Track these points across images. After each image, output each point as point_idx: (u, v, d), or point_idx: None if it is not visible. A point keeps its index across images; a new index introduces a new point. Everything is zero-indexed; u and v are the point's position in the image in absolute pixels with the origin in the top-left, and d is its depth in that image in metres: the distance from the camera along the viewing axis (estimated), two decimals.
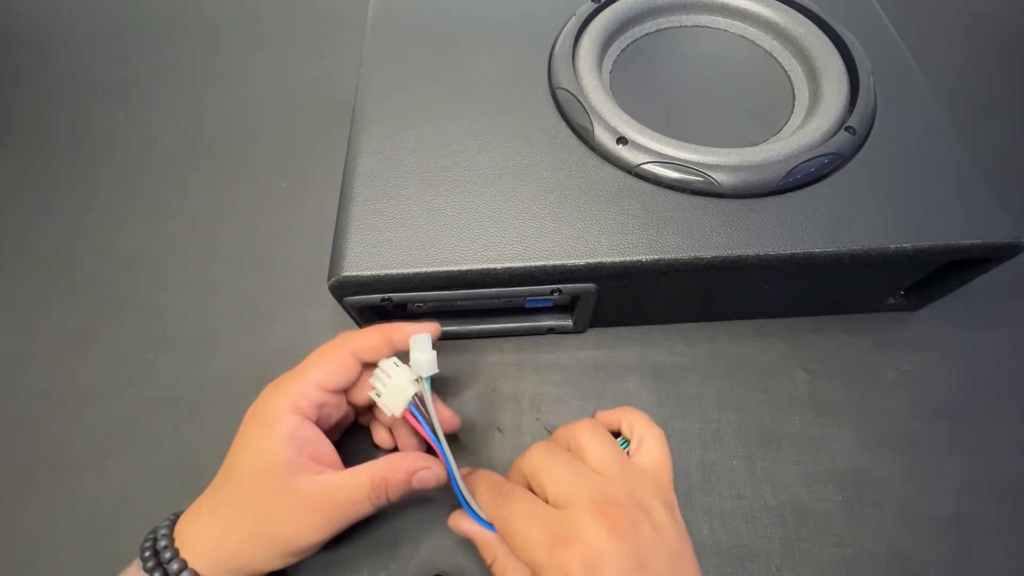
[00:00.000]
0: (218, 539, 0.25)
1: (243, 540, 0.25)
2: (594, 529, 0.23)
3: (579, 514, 0.23)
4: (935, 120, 0.34)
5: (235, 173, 0.44)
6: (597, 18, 0.38)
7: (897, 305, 0.37)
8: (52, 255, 0.42)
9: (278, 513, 0.25)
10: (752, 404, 0.35)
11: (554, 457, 0.26)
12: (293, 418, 0.26)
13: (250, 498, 0.25)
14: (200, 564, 0.24)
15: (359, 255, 0.29)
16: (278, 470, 0.25)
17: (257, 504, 0.25)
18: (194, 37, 0.55)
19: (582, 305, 0.33)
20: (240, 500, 0.25)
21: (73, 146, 0.47)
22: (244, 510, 0.25)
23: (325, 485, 0.25)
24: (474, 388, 0.36)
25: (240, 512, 0.25)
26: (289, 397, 0.26)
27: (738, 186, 0.30)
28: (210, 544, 0.25)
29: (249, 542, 0.25)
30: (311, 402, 0.26)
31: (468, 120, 0.34)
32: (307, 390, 0.26)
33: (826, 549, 0.31)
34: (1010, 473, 0.33)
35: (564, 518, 0.23)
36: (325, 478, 0.25)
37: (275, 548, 0.25)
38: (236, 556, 0.25)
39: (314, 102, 0.49)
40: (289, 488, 0.25)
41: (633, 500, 0.24)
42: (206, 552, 0.25)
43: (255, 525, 0.25)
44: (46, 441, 0.34)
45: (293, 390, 0.26)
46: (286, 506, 0.25)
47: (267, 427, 0.25)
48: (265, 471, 0.25)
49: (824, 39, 0.37)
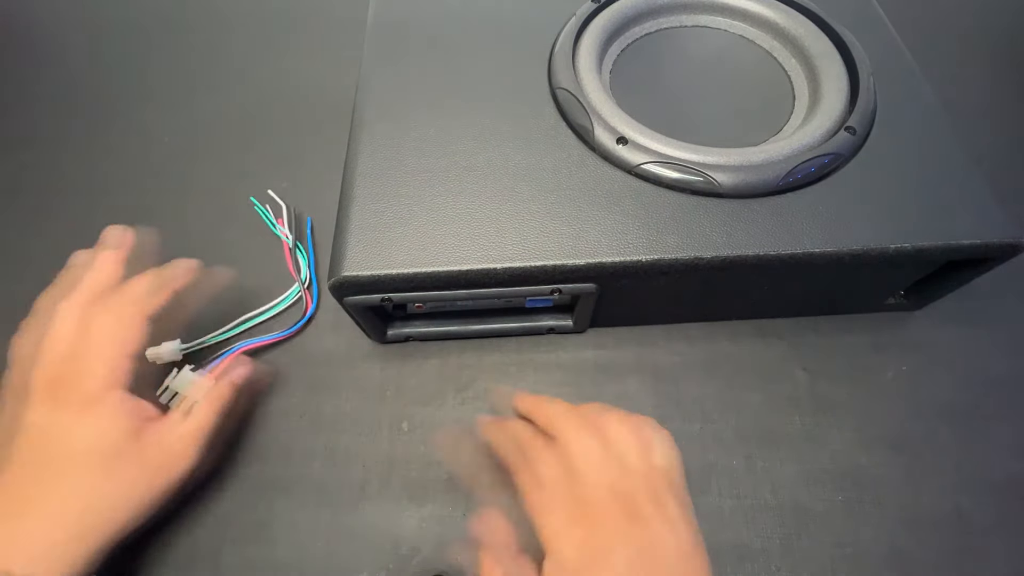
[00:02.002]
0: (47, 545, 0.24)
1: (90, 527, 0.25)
2: (611, 515, 0.24)
3: (600, 497, 0.24)
4: (936, 120, 0.34)
5: (235, 173, 0.44)
6: (597, 18, 0.38)
7: (897, 305, 0.37)
8: (52, 255, 0.42)
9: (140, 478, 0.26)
10: (752, 404, 0.35)
11: (587, 435, 0.26)
12: (115, 392, 0.26)
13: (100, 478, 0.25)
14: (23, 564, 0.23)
15: (359, 255, 0.29)
16: (124, 440, 0.26)
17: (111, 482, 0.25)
18: (194, 37, 0.55)
19: (582, 305, 0.33)
20: (82, 491, 0.25)
21: (73, 146, 0.47)
22: (90, 499, 0.25)
23: (171, 429, 0.27)
24: (474, 388, 0.36)
25: (81, 506, 0.25)
26: (103, 376, 0.26)
27: (738, 186, 0.30)
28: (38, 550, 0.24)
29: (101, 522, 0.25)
30: (124, 372, 0.27)
31: (468, 120, 0.34)
32: (116, 363, 0.27)
33: (826, 549, 0.31)
34: (1010, 473, 0.33)
35: (585, 497, 0.24)
36: (166, 423, 0.28)
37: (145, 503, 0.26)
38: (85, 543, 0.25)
39: (314, 102, 0.49)
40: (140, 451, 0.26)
41: (650, 494, 0.25)
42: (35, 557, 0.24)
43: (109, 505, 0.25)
44: None
45: (104, 369, 0.26)
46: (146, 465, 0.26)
47: (94, 409, 0.26)
48: (112, 445, 0.26)
49: (824, 39, 0.37)
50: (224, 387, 0.30)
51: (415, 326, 0.36)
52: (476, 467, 0.28)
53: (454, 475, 0.30)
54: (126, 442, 0.26)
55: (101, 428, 0.26)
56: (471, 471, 0.28)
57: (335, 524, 0.31)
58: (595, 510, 0.24)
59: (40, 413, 0.26)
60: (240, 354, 0.33)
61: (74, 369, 0.26)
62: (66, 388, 0.26)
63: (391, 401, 0.35)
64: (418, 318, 0.37)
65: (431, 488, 0.32)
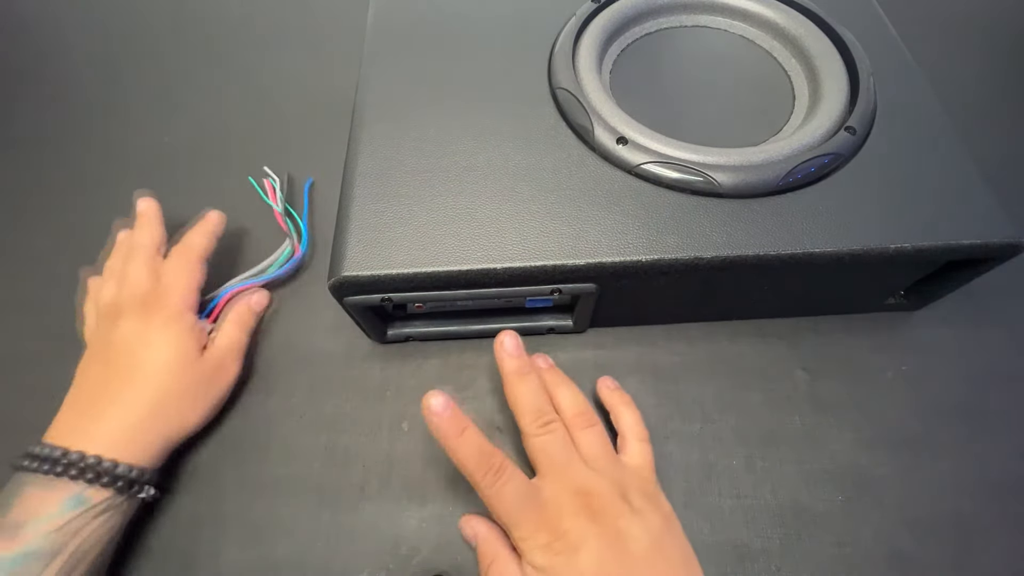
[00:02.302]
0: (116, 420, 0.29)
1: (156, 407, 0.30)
2: (574, 514, 0.25)
3: (562, 500, 0.26)
4: (935, 120, 0.34)
5: (236, 173, 0.44)
6: (597, 18, 0.38)
7: (897, 305, 0.37)
8: (52, 255, 0.42)
9: (199, 382, 0.32)
10: (752, 404, 0.35)
11: (552, 441, 0.28)
12: (190, 313, 0.33)
13: (168, 373, 0.31)
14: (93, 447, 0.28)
15: (359, 255, 0.29)
16: (191, 353, 0.32)
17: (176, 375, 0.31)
18: (194, 37, 0.55)
19: (582, 305, 0.33)
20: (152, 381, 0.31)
21: (73, 146, 0.47)
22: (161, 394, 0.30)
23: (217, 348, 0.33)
24: (474, 388, 0.36)
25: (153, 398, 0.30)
26: (183, 298, 0.33)
27: (738, 186, 0.30)
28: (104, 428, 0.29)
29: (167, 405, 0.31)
30: (195, 300, 0.34)
31: (468, 120, 0.34)
32: (189, 294, 0.34)
33: (826, 549, 0.31)
34: (1010, 473, 0.33)
35: (548, 502, 0.26)
36: (217, 342, 0.34)
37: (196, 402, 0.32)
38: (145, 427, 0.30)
39: (314, 102, 0.49)
40: (202, 363, 0.32)
41: (614, 491, 0.27)
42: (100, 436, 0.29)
43: (174, 401, 0.31)
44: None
45: (183, 296, 0.33)
46: (203, 375, 0.32)
47: (176, 322, 0.32)
48: (182, 353, 0.32)
49: (824, 39, 0.37)
50: (247, 313, 0.36)
51: (415, 326, 0.36)
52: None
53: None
54: (193, 353, 0.32)
55: (178, 339, 0.32)
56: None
57: (335, 524, 0.31)
58: (557, 513, 0.26)
59: (131, 324, 0.32)
60: (232, 296, 0.37)
61: (159, 294, 0.33)
62: (154, 307, 0.32)
63: (391, 401, 0.35)
64: (418, 318, 0.37)
65: (431, 488, 0.32)
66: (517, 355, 0.30)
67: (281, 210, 0.40)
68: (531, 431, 0.29)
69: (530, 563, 0.25)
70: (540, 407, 0.29)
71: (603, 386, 0.34)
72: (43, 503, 0.26)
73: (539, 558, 0.25)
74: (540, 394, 0.30)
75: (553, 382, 0.32)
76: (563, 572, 0.24)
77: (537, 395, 0.30)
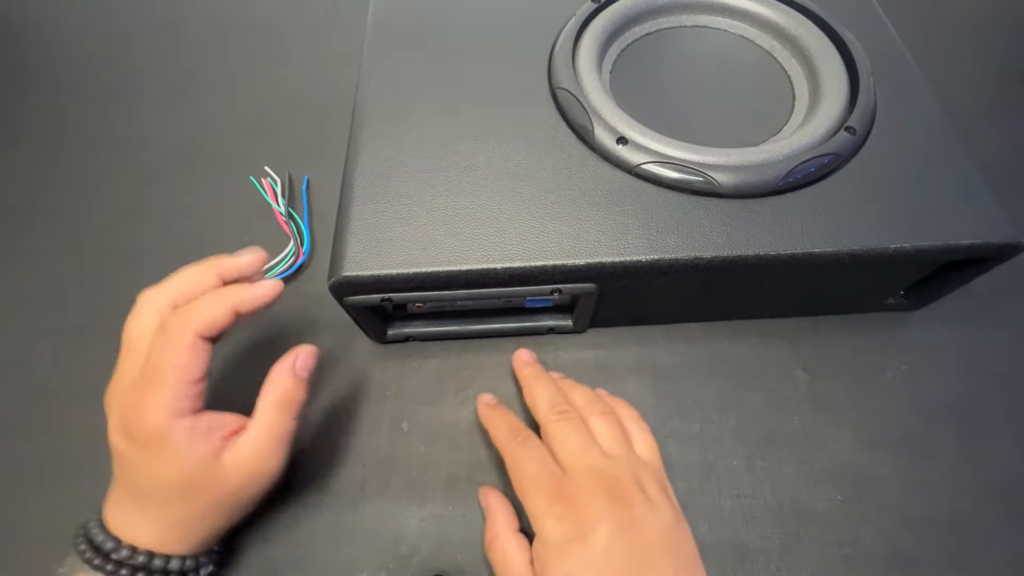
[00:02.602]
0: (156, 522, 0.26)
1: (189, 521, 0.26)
2: (592, 493, 0.25)
3: (582, 479, 0.26)
4: (935, 120, 0.34)
5: (236, 173, 0.44)
6: (597, 18, 0.38)
7: (897, 305, 0.37)
8: (52, 255, 0.42)
9: (224, 491, 0.26)
10: (752, 404, 0.35)
11: (569, 427, 0.28)
12: (181, 422, 0.25)
13: (186, 496, 0.25)
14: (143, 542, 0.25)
15: (359, 255, 0.29)
16: (201, 468, 0.25)
17: (197, 498, 0.26)
18: (194, 37, 0.55)
19: (582, 305, 0.33)
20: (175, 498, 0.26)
21: (73, 146, 0.47)
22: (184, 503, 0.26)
23: (249, 445, 0.26)
24: (474, 388, 0.36)
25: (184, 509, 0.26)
26: (164, 408, 0.24)
27: (738, 186, 0.30)
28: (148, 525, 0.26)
29: (201, 519, 0.26)
30: (187, 398, 0.25)
31: (468, 120, 0.34)
32: (177, 391, 0.24)
33: (826, 549, 0.31)
34: (1010, 473, 0.33)
35: (568, 479, 0.26)
36: (243, 440, 0.26)
37: (233, 512, 0.27)
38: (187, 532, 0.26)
39: (314, 102, 0.49)
40: (220, 473, 0.25)
41: (631, 477, 0.27)
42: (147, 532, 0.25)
43: (200, 508, 0.26)
44: (46, 441, 0.34)
45: (164, 400, 0.24)
46: (231, 483, 0.26)
47: (160, 444, 0.24)
48: (190, 476, 0.25)
49: (824, 39, 0.37)
50: (292, 387, 0.27)
51: (415, 326, 0.36)
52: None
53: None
54: (203, 469, 0.25)
55: (174, 462, 0.25)
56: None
57: (335, 524, 0.31)
58: (576, 489, 0.26)
59: (119, 441, 0.25)
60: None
61: (138, 401, 0.25)
62: (133, 423, 0.25)
63: (391, 401, 0.35)
64: (418, 318, 0.37)
65: (431, 488, 0.32)
66: (534, 362, 0.34)
67: (283, 211, 0.40)
68: (548, 419, 0.29)
69: (542, 537, 0.25)
70: (556, 399, 0.30)
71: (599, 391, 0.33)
72: None
73: (552, 530, 0.25)
74: (556, 391, 0.31)
75: (567, 385, 0.32)
76: (574, 548, 0.24)
77: (553, 392, 0.31)
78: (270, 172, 0.43)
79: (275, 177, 0.43)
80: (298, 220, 0.41)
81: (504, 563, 0.27)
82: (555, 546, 0.25)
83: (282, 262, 0.39)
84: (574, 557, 0.24)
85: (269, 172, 0.43)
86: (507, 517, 0.29)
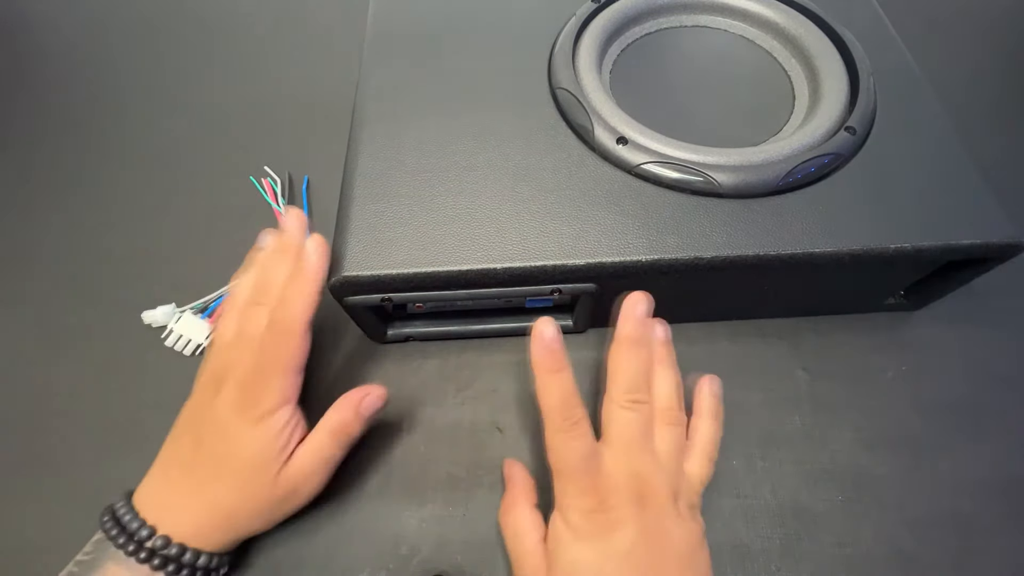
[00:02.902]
0: (201, 509, 0.27)
1: (234, 513, 0.27)
2: (626, 497, 0.25)
3: (620, 478, 0.26)
4: (935, 120, 0.34)
5: (236, 173, 0.44)
6: (597, 18, 0.38)
7: (897, 305, 0.37)
8: (52, 255, 0.42)
9: (272, 495, 0.28)
10: (752, 404, 0.35)
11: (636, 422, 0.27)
12: (286, 410, 0.28)
13: (247, 483, 0.27)
14: (178, 531, 0.26)
15: (359, 255, 0.29)
16: (272, 460, 0.27)
17: (253, 488, 0.27)
18: (194, 37, 0.55)
19: (582, 305, 0.33)
20: (233, 484, 0.27)
21: (73, 146, 0.47)
22: (239, 492, 0.27)
23: (302, 463, 0.28)
24: (474, 388, 0.36)
25: (232, 501, 0.27)
26: (280, 392, 0.28)
27: (738, 186, 0.30)
28: (190, 512, 0.27)
29: (243, 515, 0.28)
30: (295, 388, 0.28)
31: (468, 120, 0.34)
32: (291, 382, 0.28)
33: (826, 549, 0.31)
34: (1010, 473, 0.33)
35: (605, 476, 0.26)
36: (299, 457, 0.28)
37: (268, 519, 0.28)
38: (224, 526, 0.27)
39: (314, 102, 0.49)
40: (279, 474, 0.28)
41: (669, 491, 0.26)
42: (186, 520, 0.27)
43: (249, 503, 0.28)
44: (46, 441, 0.34)
45: (283, 383, 0.28)
46: (279, 490, 0.28)
47: (265, 422, 0.27)
48: (261, 463, 0.27)
49: (824, 39, 0.37)
50: (353, 422, 0.29)
51: (415, 326, 0.36)
52: None
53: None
54: (274, 464, 0.27)
55: (264, 440, 0.27)
56: None
57: (335, 524, 0.31)
58: (611, 489, 0.25)
59: (226, 414, 0.27)
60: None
61: (259, 382, 0.27)
62: (251, 400, 0.27)
63: (391, 401, 0.35)
64: (418, 318, 0.37)
65: (431, 488, 0.32)
66: (641, 322, 0.29)
67: (283, 211, 0.40)
68: (619, 401, 0.27)
69: (564, 519, 0.26)
70: (639, 384, 0.28)
71: (704, 386, 0.31)
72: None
73: (576, 520, 0.25)
74: (643, 372, 0.28)
75: (660, 359, 0.30)
76: (594, 543, 0.25)
77: (640, 371, 0.28)
78: (270, 172, 0.43)
79: (275, 177, 0.43)
80: None
81: (515, 536, 0.27)
82: (574, 532, 0.25)
83: None
84: (591, 549, 0.24)
85: (269, 172, 0.43)
86: (527, 491, 0.29)
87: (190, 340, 0.36)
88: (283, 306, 0.28)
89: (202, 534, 0.27)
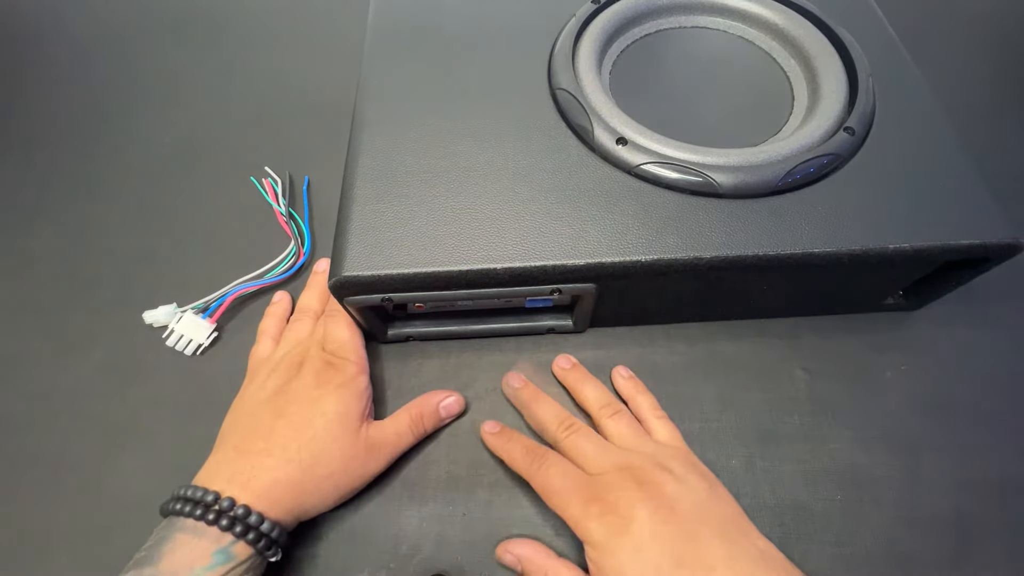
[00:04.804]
0: (273, 481, 0.28)
1: (307, 481, 0.28)
2: (622, 486, 0.27)
3: (609, 476, 0.27)
4: (934, 120, 0.34)
5: (236, 173, 0.44)
6: (597, 19, 0.38)
7: (897, 305, 0.37)
8: (52, 255, 0.42)
9: (354, 457, 0.30)
10: (752, 404, 0.35)
11: (581, 439, 0.30)
12: (364, 378, 0.32)
13: (330, 435, 0.29)
14: (244, 497, 0.27)
15: (359, 255, 0.29)
16: (357, 416, 0.30)
17: (336, 441, 0.29)
18: (194, 37, 0.56)
19: (582, 305, 0.33)
20: (318, 446, 0.29)
21: (73, 147, 0.48)
22: (320, 455, 0.29)
23: (382, 429, 0.31)
24: (474, 388, 0.36)
25: (312, 456, 0.28)
26: (360, 361, 0.32)
27: (737, 186, 0.31)
28: (261, 479, 0.28)
29: (313, 480, 0.28)
30: (366, 362, 0.33)
31: (468, 120, 0.34)
32: (363, 356, 0.33)
33: (826, 549, 0.31)
34: (1010, 473, 0.33)
35: (595, 481, 0.27)
36: (379, 424, 0.32)
37: (334, 486, 0.29)
38: (292, 493, 0.28)
39: (314, 102, 0.49)
40: (362, 436, 0.30)
41: (653, 463, 0.28)
42: (256, 485, 0.27)
43: (327, 467, 0.29)
44: (46, 441, 0.34)
45: (360, 360, 0.33)
46: (359, 450, 0.30)
47: (349, 386, 0.31)
48: (347, 422, 0.30)
49: (823, 39, 0.37)
50: (432, 417, 0.33)
51: (415, 326, 0.36)
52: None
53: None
54: (356, 421, 0.30)
55: (349, 398, 0.30)
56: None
57: (335, 524, 0.31)
58: (606, 487, 0.27)
59: (310, 385, 0.31)
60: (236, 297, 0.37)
61: (340, 359, 0.32)
62: (334, 371, 0.31)
63: (391, 401, 0.35)
64: (418, 318, 0.37)
65: (431, 488, 0.32)
66: (525, 384, 0.34)
67: (284, 212, 0.40)
68: (559, 436, 0.30)
69: (589, 542, 0.26)
70: (559, 415, 0.32)
71: (618, 375, 0.35)
72: (194, 554, 0.25)
73: (595, 532, 0.26)
74: (555, 405, 0.32)
75: (577, 379, 0.34)
76: (620, 541, 0.25)
77: (553, 407, 0.32)
78: (270, 172, 0.43)
79: (275, 177, 0.43)
80: (299, 220, 0.41)
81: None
82: (603, 545, 0.25)
83: (283, 262, 0.39)
84: (623, 549, 0.25)
85: (269, 172, 0.43)
86: (540, 551, 0.29)
87: (191, 340, 0.36)
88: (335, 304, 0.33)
89: (270, 497, 0.27)
